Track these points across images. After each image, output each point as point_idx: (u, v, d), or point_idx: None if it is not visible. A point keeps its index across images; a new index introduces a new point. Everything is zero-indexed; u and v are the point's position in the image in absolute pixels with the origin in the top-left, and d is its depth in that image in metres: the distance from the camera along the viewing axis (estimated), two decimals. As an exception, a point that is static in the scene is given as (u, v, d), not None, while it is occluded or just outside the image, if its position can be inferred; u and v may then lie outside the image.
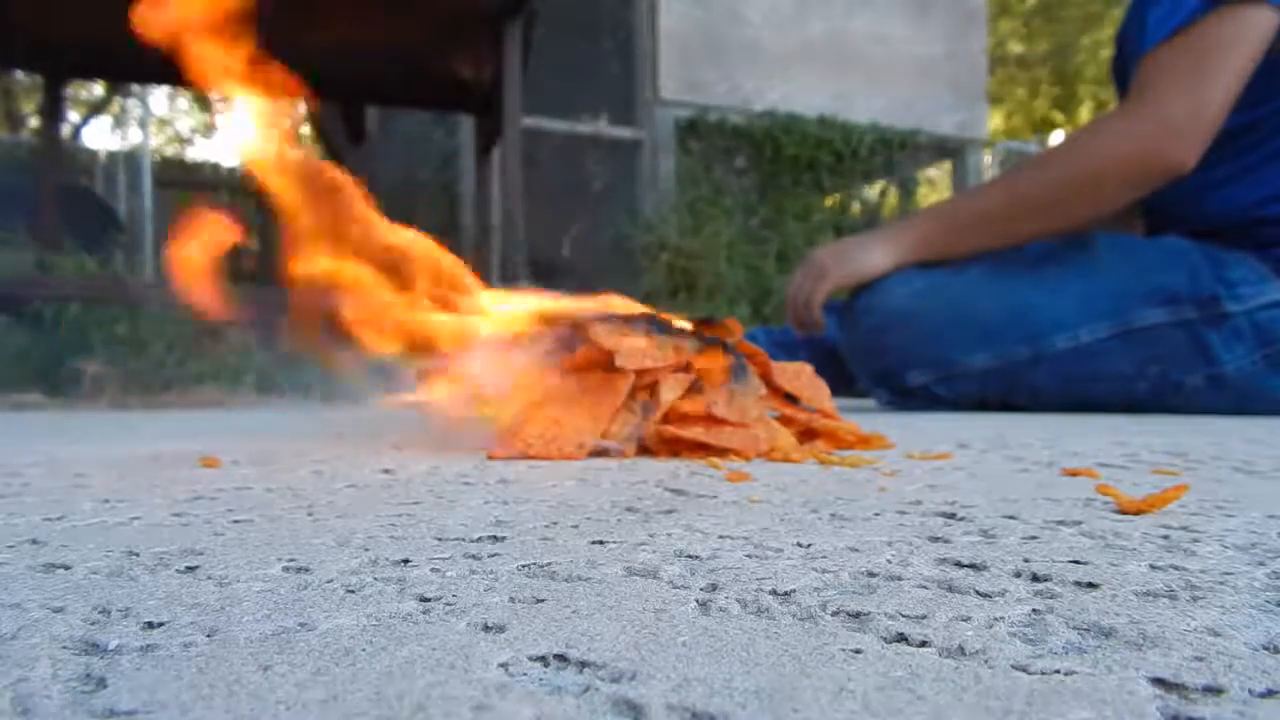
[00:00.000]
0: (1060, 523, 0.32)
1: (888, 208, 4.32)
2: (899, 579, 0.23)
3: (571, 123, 3.71)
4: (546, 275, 3.25)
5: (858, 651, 0.17)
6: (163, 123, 9.93)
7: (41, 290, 1.73)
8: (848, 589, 0.22)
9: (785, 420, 0.64)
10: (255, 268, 5.27)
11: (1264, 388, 1.11)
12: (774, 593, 0.22)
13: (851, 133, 4.00)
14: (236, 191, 5.55)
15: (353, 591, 0.22)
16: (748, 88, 3.89)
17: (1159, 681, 0.16)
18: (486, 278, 2.07)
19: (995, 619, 0.20)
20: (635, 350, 0.60)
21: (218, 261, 0.66)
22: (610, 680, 0.16)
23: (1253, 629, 0.19)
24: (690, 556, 0.26)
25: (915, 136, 4.18)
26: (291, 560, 0.26)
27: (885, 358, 1.22)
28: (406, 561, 0.26)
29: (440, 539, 0.29)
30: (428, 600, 0.21)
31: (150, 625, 0.19)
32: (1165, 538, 0.29)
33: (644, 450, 0.59)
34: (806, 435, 0.64)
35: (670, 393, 0.60)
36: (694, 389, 0.61)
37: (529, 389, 0.62)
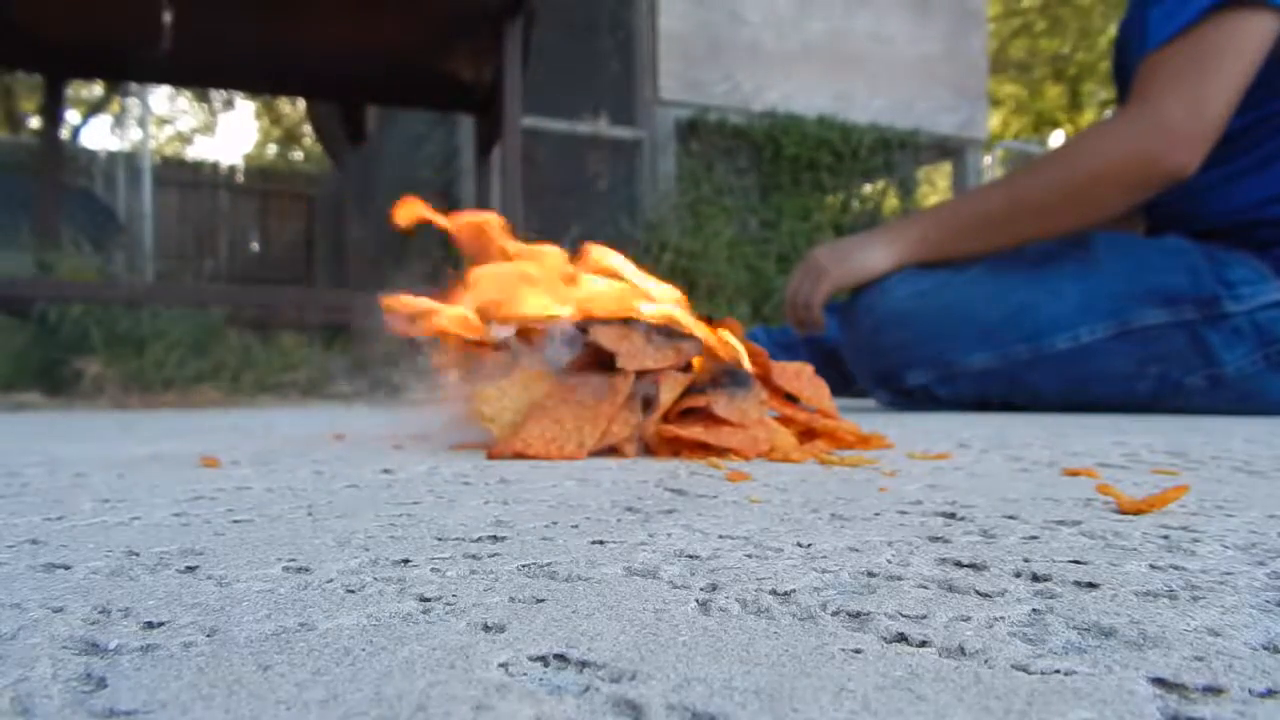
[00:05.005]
0: (1060, 523, 0.32)
1: (888, 208, 4.32)
2: (899, 579, 0.23)
3: (571, 123, 3.71)
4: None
5: (858, 651, 0.17)
6: (162, 122, 9.94)
7: (41, 290, 1.73)
8: (848, 589, 0.22)
9: (785, 420, 0.64)
10: (256, 268, 5.27)
11: (1264, 388, 1.11)
12: (774, 593, 0.22)
13: (851, 133, 4.00)
14: (237, 191, 5.56)
15: (353, 591, 0.22)
16: (748, 88, 3.89)
17: (1159, 681, 0.16)
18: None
19: (995, 619, 0.20)
20: (635, 351, 0.60)
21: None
22: (610, 680, 0.16)
23: (1253, 629, 0.19)
24: (690, 556, 0.26)
25: (915, 136, 4.18)
26: (291, 560, 0.26)
27: (885, 358, 1.22)
28: (406, 561, 0.26)
29: (440, 539, 0.29)
30: (428, 600, 0.21)
31: (150, 625, 0.19)
32: (1165, 538, 0.29)
33: (644, 450, 0.59)
34: (806, 435, 0.64)
35: (670, 392, 0.60)
36: (694, 389, 0.61)
37: (529, 389, 0.62)
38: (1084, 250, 1.17)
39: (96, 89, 7.11)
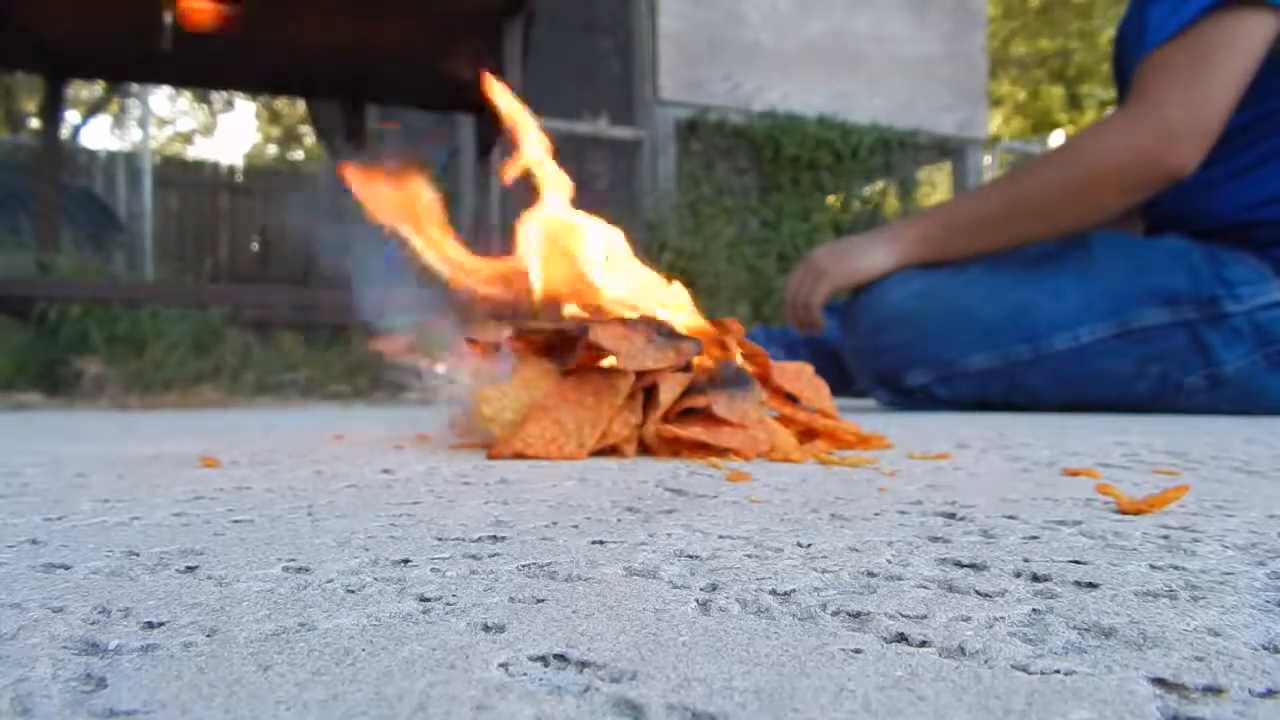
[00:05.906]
0: (1060, 523, 0.32)
1: (888, 208, 4.32)
2: (899, 579, 0.23)
3: (571, 123, 3.71)
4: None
5: (858, 651, 0.17)
6: (163, 122, 9.94)
7: (41, 290, 1.73)
8: (848, 589, 0.22)
9: (785, 420, 0.64)
10: (257, 268, 5.27)
11: (1264, 388, 1.11)
12: (774, 593, 0.22)
13: (851, 133, 4.00)
14: (237, 191, 5.56)
15: (353, 591, 0.22)
16: (748, 88, 3.89)
17: (1159, 681, 0.16)
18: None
19: (995, 619, 0.20)
20: (635, 351, 0.60)
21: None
22: (610, 680, 0.16)
23: (1253, 629, 0.19)
24: (690, 556, 0.26)
25: (915, 136, 4.18)
26: (291, 560, 0.26)
27: (885, 358, 1.22)
28: (406, 561, 0.26)
29: (440, 539, 0.29)
30: (428, 600, 0.21)
31: (150, 625, 0.19)
32: (1165, 538, 0.29)
33: (644, 450, 0.59)
34: (806, 435, 0.64)
35: (670, 393, 0.60)
36: (694, 389, 0.61)
37: (529, 389, 0.62)
38: (1083, 250, 1.18)
39: (96, 89, 7.11)
